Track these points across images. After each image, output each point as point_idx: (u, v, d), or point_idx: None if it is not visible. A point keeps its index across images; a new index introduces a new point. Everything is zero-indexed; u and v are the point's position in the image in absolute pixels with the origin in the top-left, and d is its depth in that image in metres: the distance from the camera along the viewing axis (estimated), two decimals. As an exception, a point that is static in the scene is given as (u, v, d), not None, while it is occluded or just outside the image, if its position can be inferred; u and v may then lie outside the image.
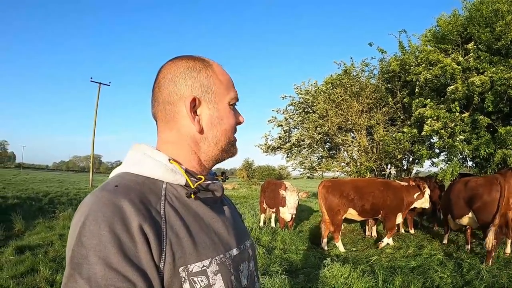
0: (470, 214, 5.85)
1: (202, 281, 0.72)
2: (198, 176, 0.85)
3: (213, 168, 0.96)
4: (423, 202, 7.03)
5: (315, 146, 11.02)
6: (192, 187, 0.80)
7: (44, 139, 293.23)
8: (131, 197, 0.70)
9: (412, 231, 8.21)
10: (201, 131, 0.85)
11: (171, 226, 0.73)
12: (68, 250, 0.67)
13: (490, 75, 6.75)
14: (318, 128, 10.07)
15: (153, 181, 0.78)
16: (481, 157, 7.59)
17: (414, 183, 7.47)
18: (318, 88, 10.78)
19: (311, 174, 11.61)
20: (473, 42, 7.60)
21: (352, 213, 6.89)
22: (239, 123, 0.93)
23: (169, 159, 0.82)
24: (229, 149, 0.90)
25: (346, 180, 7.89)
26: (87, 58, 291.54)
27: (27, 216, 9.05)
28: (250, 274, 0.90)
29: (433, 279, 4.65)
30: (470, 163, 9.45)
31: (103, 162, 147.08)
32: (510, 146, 6.77)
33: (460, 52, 7.84)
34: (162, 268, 0.69)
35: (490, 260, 5.26)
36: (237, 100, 0.91)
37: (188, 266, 0.72)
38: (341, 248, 6.65)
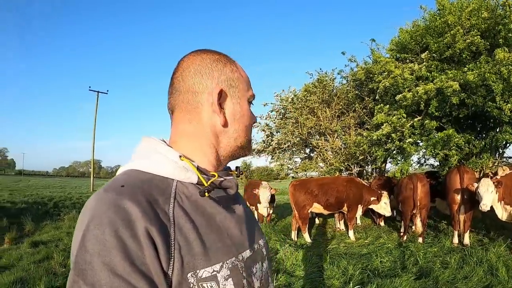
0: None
1: (211, 286, 0.70)
2: (211, 173, 0.82)
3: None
4: (385, 209, 7.57)
5: (295, 149, 11.93)
6: (206, 184, 0.77)
7: (43, 145, 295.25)
8: (138, 198, 0.67)
9: (382, 224, 8.84)
10: (225, 124, 0.83)
11: (180, 229, 0.70)
12: (72, 254, 0.65)
13: (438, 83, 7.44)
14: (295, 132, 10.99)
15: (162, 179, 0.75)
16: (441, 157, 8.32)
17: (376, 186, 8.31)
18: (296, 95, 11.70)
19: (295, 174, 12.50)
20: (427, 51, 8.32)
21: (317, 207, 7.76)
22: (254, 122, 0.92)
23: (180, 156, 0.78)
24: (246, 147, 0.88)
25: (312, 179, 8.83)
26: (86, 64, 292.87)
27: (35, 219, 9.86)
28: (264, 275, 0.87)
29: (373, 263, 5.34)
30: (434, 162, 10.28)
31: (103, 167, 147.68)
32: (453, 147, 7.54)
33: (418, 60, 8.56)
34: (170, 274, 0.66)
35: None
36: (254, 99, 0.91)
37: (197, 271, 0.69)
38: (307, 238, 7.48)
